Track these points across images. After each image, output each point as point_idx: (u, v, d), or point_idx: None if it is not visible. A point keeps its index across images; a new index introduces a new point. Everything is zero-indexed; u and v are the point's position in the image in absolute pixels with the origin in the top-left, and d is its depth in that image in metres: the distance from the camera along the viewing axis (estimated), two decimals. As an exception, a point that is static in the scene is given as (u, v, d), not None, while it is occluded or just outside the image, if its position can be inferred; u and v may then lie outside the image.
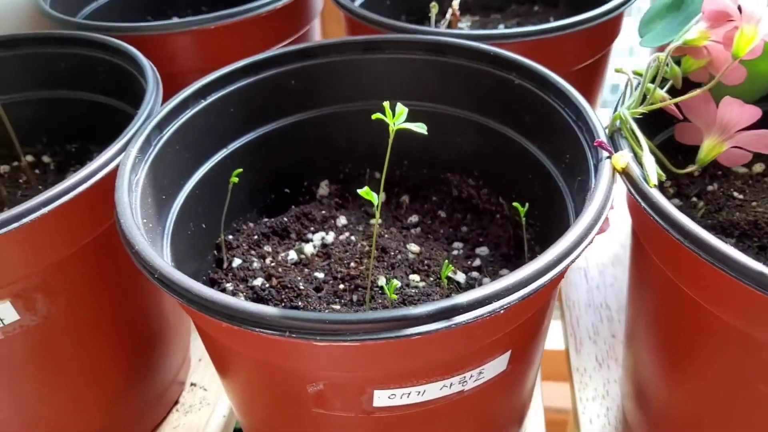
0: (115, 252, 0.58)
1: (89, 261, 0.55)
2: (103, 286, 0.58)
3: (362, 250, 0.64)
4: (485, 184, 0.69)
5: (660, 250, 0.49)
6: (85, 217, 0.52)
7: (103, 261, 0.57)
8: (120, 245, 0.44)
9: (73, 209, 0.49)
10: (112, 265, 0.58)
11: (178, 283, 0.40)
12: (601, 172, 0.47)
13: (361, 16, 0.74)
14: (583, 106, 0.53)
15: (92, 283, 0.57)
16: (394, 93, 0.69)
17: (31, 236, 0.48)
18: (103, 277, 0.57)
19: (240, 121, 0.64)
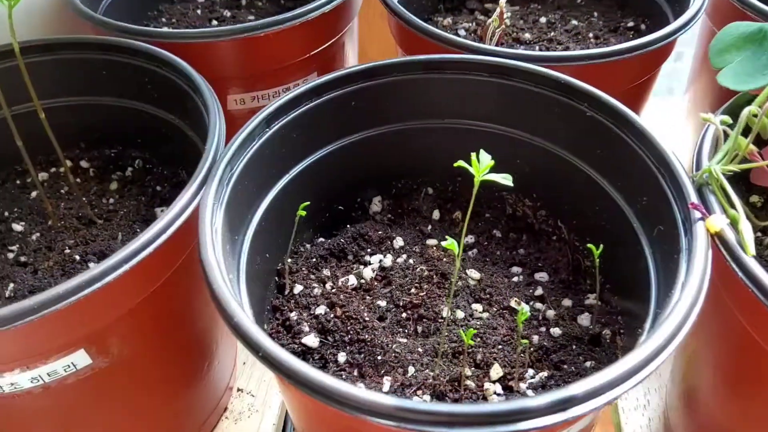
0: (182, 287, 0.57)
1: (160, 302, 0.54)
2: (171, 322, 0.57)
3: (422, 275, 0.64)
4: (543, 206, 0.69)
5: (750, 317, 0.49)
6: (160, 265, 0.51)
7: (171, 298, 0.56)
8: (184, 281, 0.44)
9: (151, 260, 0.48)
10: (180, 300, 0.57)
11: (285, 364, 0.40)
12: (696, 237, 0.46)
13: (416, 27, 0.71)
14: (666, 153, 0.52)
15: (161, 322, 0.56)
16: (452, 113, 0.67)
17: (110, 292, 0.47)
18: (171, 313, 0.57)
19: (302, 146, 0.62)
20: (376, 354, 0.57)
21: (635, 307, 0.56)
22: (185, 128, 0.67)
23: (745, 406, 0.55)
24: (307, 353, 0.58)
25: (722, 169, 0.48)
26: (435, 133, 0.68)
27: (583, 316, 0.61)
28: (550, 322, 0.61)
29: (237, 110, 0.78)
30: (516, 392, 0.55)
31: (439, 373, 0.56)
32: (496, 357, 0.57)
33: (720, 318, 0.55)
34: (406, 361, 0.57)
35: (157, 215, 0.70)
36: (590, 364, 0.57)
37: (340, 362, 0.58)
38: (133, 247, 0.47)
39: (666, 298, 0.47)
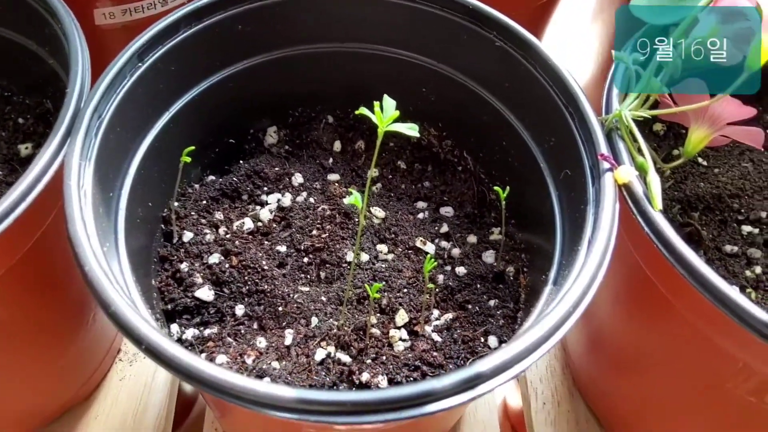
0: (54, 246, 0.51)
1: (30, 264, 0.48)
2: (46, 282, 0.52)
3: (323, 215, 0.60)
4: (449, 136, 0.66)
5: (643, 253, 0.49)
6: (24, 232, 0.45)
7: (43, 259, 0.50)
8: (56, 241, 0.38)
9: (12, 231, 0.42)
10: (53, 260, 0.51)
11: (173, 359, 0.36)
12: (604, 190, 0.45)
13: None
14: (578, 96, 0.50)
15: (35, 284, 0.51)
16: (353, 36, 0.61)
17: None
18: (45, 274, 0.51)
19: (183, 79, 0.55)
20: (276, 305, 0.55)
21: (539, 247, 0.56)
22: (46, 56, 0.57)
23: (641, 338, 0.57)
24: (201, 307, 0.55)
25: (633, 115, 0.46)
26: (334, 58, 0.62)
27: (488, 254, 0.60)
28: (455, 260, 0.60)
29: (107, 25, 0.68)
30: (422, 336, 0.54)
31: (343, 323, 0.54)
32: (402, 302, 0.55)
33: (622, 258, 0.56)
34: (309, 311, 0.54)
35: (20, 153, 0.62)
36: (494, 302, 0.56)
37: (238, 315, 0.54)
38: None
39: (572, 251, 0.46)
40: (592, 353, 0.69)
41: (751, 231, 0.57)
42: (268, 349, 0.52)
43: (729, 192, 0.59)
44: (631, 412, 0.66)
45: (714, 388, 0.53)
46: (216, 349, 0.52)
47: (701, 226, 0.57)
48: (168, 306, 0.54)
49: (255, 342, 0.53)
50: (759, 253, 0.55)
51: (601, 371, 0.68)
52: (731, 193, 0.59)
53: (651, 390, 0.62)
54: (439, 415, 0.35)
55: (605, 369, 0.68)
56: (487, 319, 0.55)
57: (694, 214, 0.58)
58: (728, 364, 0.50)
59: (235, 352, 0.51)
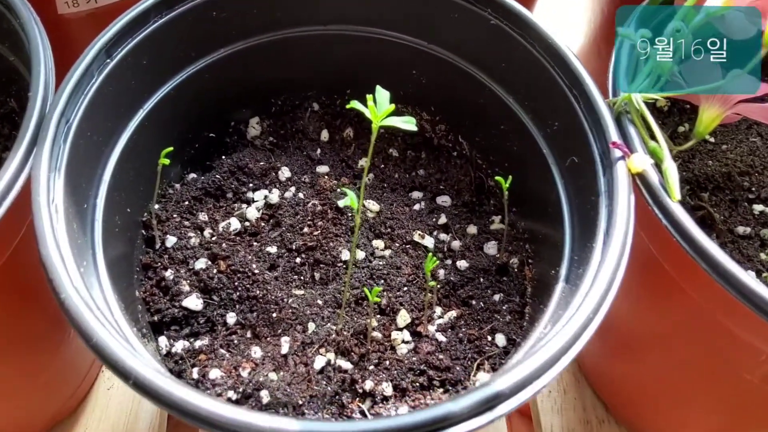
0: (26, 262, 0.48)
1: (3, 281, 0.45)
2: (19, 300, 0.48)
3: (314, 211, 0.57)
4: (442, 120, 0.62)
5: (672, 261, 0.46)
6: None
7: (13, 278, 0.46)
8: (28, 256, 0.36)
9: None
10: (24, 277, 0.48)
11: (166, 396, 0.33)
12: (617, 181, 0.42)
13: None
14: (582, 77, 0.46)
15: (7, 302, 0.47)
16: (336, 17, 0.57)
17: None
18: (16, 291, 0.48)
19: (155, 73, 0.51)
20: (270, 311, 0.51)
21: (545, 237, 0.53)
22: (6, 52, 0.53)
23: (654, 325, 0.55)
24: (190, 317, 0.51)
25: (643, 97, 0.43)
26: (317, 42, 0.58)
27: (490, 245, 0.57)
28: (456, 253, 0.57)
29: (71, 14, 0.63)
30: (425, 337, 0.51)
31: (342, 327, 0.51)
32: (402, 301, 0.53)
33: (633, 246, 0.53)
34: (305, 317, 0.51)
35: (-16, 158, 0.57)
36: (499, 297, 0.54)
37: (230, 324, 0.51)
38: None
39: (584, 247, 0.43)
40: (599, 339, 0.66)
41: (763, 210, 0.55)
42: (263, 359, 0.49)
43: (738, 170, 0.56)
44: (640, 397, 0.64)
45: (728, 375, 0.51)
46: (208, 363, 0.49)
47: (712, 207, 0.54)
48: (155, 317, 0.51)
49: (249, 352, 0.49)
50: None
51: (609, 357, 0.66)
52: (741, 171, 0.56)
53: (662, 376, 0.60)
54: None
55: (613, 355, 0.66)
56: (492, 316, 0.53)
57: (704, 195, 0.55)
58: (744, 352, 0.48)
59: (229, 364, 0.48)
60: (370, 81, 0.55)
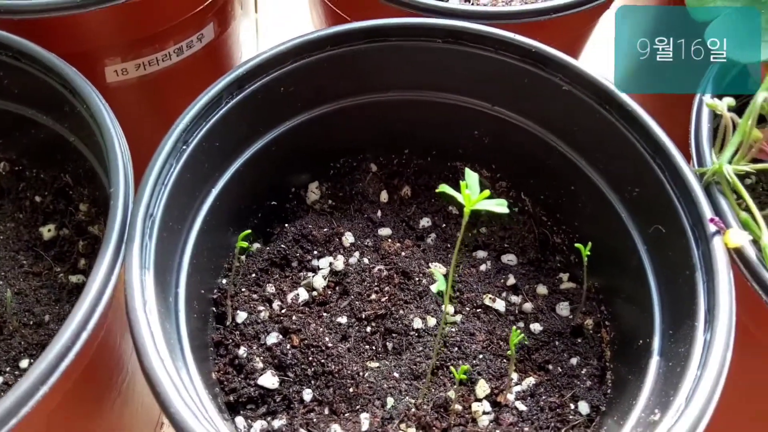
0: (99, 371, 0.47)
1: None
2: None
3: (380, 276, 0.56)
4: (503, 177, 0.62)
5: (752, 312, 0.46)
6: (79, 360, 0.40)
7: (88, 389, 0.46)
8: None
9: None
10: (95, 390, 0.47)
11: None
12: (716, 257, 0.41)
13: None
14: (663, 142, 0.46)
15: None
16: (398, 84, 0.57)
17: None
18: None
19: (226, 153, 0.51)
20: (347, 386, 0.50)
21: (624, 302, 0.52)
22: (66, 133, 0.52)
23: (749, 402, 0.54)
24: (266, 395, 0.50)
25: (735, 170, 0.43)
26: (377, 107, 0.58)
27: (562, 305, 0.56)
28: (528, 316, 0.56)
29: (119, 82, 0.62)
30: (505, 407, 0.50)
31: (422, 401, 0.50)
32: (480, 370, 0.52)
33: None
34: (383, 391, 0.51)
35: (44, 236, 0.56)
36: (576, 360, 0.53)
37: (306, 401, 0.50)
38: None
39: (682, 323, 0.43)
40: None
41: None
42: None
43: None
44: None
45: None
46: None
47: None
48: (230, 397, 0.50)
49: (329, 431, 0.49)
50: None
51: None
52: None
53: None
54: None
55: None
56: (572, 381, 0.52)
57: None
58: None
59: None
60: (428, 140, 0.55)
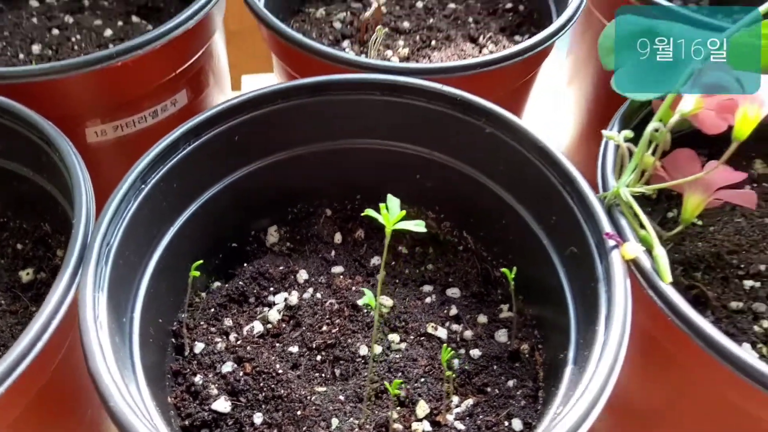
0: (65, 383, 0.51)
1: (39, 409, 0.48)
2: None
3: (332, 309, 0.60)
4: (447, 218, 0.67)
5: (668, 338, 0.50)
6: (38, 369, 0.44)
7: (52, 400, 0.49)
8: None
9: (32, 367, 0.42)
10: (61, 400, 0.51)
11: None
12: (614, 268, 0.46)
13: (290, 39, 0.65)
14: (573, 175, 0.51)
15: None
16: (346, 133, 0.63)
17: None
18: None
19: (184, 194, 0.56)
20: (295, 409, 0.54)
21: (551, 322, 0.56)
22: (43, 182, 0.58)
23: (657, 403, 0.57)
24: (219, 419, 0.54)
25: (631, 191, 0.48)
26: (329, 155, 0.64)
27: (500, 332, 0.60)
28: (469, 343, 0.60)
29: (98, 143, 0.69)
30: (445, 426, 0.54)
31: (364, 421, 0.53)
32: (420, 392, 0.55)
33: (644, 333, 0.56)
34: (328, 413, 0.54)
35: (22, 279, 0.61)
36: (513, 383, 0.56)
37: (257, 424, 0.54)
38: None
39: (588, 330, 0.47)
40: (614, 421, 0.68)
41: (753, 285, 0.58)
42: (291, 457, 0.51)
43: (727, 249, 0.60)
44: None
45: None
46: (239, 464, 0.51)
47: (705, 285, 0.58)
48: (185, 422, 0.53)
49: (277, 451, 0.52)
50: (764, 307, 0.56)
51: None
52: (729, 250, 0.60)
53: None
54: None
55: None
56: (508, 401, 0.55)
57: (696, 275, 0.59)
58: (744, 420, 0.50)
59: (258, 464, 0.51)
60: (378, 186, 0.60)
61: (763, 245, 0.61)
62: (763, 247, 0.61)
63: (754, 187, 0.66)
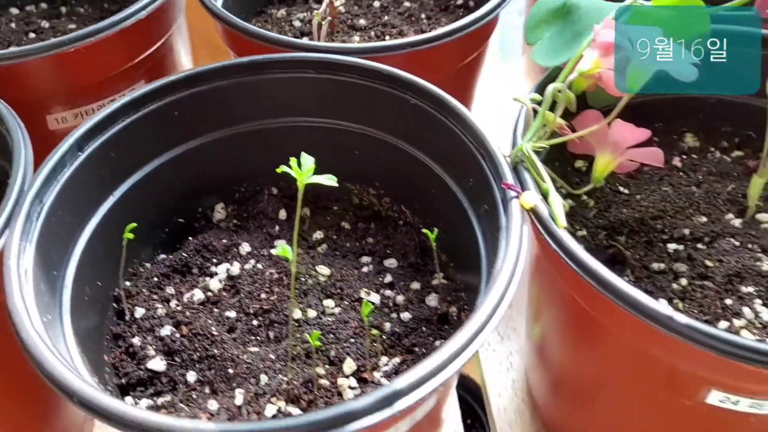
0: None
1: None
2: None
3: (272, 279, 0.63)
4: (387, 194, 0.69)
5: (565, 277, 0.52)
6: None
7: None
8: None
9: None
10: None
11: (97, 404, 0.38)
12: (512, 215, 0.48)
13: (237, 27, 0.69)
14: (483, 136, 0.54)
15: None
16: (286, 111, 0.66)
17: None
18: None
19: (125, 164, 0.59)
20: (227, 368, 0.56)
21: (473, 282, 0.58)
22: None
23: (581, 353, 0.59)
24: (154, 378, 0.56)
25: (532, 146, 0.50)
26: (272, 134, 0.67)
27: (431, 297, 0.62)
28: (400, 307, 0.62)
29: (60, 129, 0.73)
30: (371, 383, 0.56)
31: (292, 377, 0.55)
32: (349, 351, 0.57)
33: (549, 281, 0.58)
34: (258, 370, 0.56)
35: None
36: (439, 342, 0.58)
37: (190, 382, 0.56)
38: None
39: (489, 276, 0.49)
40: (553, 392, 0.70)
41: (676, 248, 0.60)
42: (219, 410, 0.53)
43: (651, 215, 0.62)
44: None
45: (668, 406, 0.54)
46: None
47: (628, 248, 0.59)
48: (122, 380, 0.56)
49: (207, 405, 0.54)
50: (684, 267, 0.58)
51: (564, 409, 0.69)
52: (653, 216, 0.62)
53: (611, 419, 0.63)
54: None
55: (567, 406, 0.69)
56: (433, 360, 0.57)
57: (620, 239, 0.60)
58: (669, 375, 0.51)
59: (187, 416, 0.53)
60: (321, 164, 0.63)
61: (690, 212, 0.63)
62: (690, 214, 0.62)
63: (683, 159, 0.68)
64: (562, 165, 0.66)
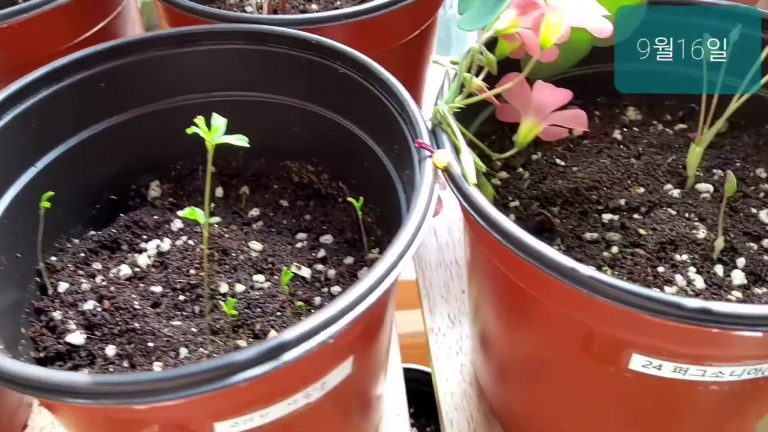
0: None
1: None
2: None
3: (202, 255, 0.62)
4: (325, 170, 0.68)
5: (484, 241, 0.50)
6: None
7: None
8: None
9: None
10: None
11: None
12: (424, 173, 0.47)
13: (176, 4, 0.68)
14: (405, 99, 0.53)
15: None
16: (217, 86, 0.65)
17: None
18: None
19: (47, 136, 0.58)
20: (146, 341, 0.55)
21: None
22: None
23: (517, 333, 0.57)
24: (73, 352, 0.55)
25: (449, 107, 0.49)
26: (204, 109, 0.65)
27: (362, 271, 0.61)
28: (332, 281, 0.60)
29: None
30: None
31: (212, 350, 0.54)
32: (274, 324, 0.56)
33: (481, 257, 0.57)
34: (179, 343, 0.54)
35: None
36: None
37: (109, 356, 0.54)
38: None
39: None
40: (496, 375, 0.68)
41: (611, 218, 0.58)
42: (135, 382, 0.52)
43: (587, 185, 0.61)
44: (541, 426, 0.65)
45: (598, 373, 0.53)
46: (83, 389, 0.52)
47: (561, 219, 0.58)
48: (41, 354, 0.55)
49: (125, 379, 0.52)
50: (617, 236, 0.56)
51: (507, 390, 0.68)
52: (589, 186, 0.61)
53: (551, 397, 0.61)
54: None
55: (509, 388, 0.67)
56: (360, 332, 0.56)
57: (553, 209, 0.59)
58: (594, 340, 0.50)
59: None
60: (259, 141, 0.62)
61: (628, 183, 0.61)
62: (627, 185, 0.61)
63: (624, 131, 0.67)
64: (500, 139, 0.65)
